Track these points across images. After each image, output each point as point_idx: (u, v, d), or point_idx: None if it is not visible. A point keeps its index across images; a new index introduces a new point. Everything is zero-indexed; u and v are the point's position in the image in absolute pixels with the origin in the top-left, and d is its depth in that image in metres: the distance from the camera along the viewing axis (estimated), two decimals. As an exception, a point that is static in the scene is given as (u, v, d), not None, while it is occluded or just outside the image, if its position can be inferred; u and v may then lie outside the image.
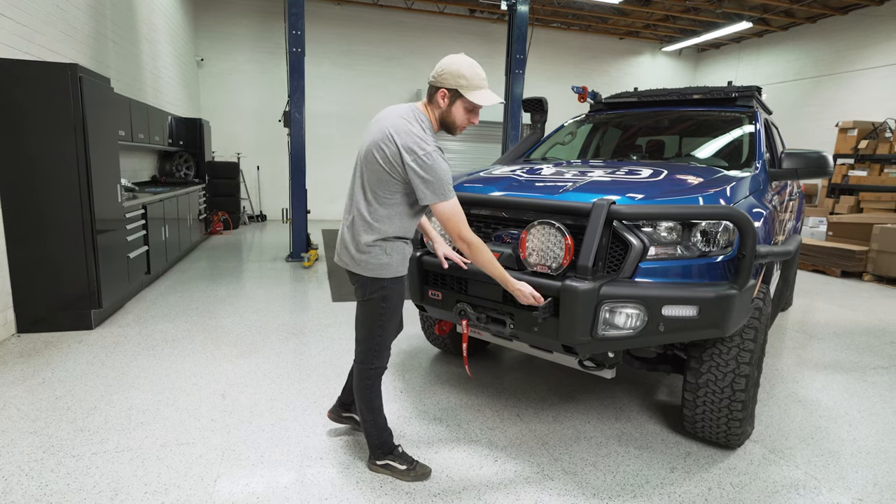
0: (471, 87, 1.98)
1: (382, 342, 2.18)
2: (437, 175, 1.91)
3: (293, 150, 6.51)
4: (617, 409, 2.98)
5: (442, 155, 1.96)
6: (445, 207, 1.95)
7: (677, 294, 2.11)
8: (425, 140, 1.94)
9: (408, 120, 1.98)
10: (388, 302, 2.12)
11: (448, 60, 1.99)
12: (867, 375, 3.57)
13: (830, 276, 7.00)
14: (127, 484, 2.13)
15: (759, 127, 3.31)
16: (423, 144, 1.92)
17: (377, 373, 2.22)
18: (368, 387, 2.21)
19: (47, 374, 3.12)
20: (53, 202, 3.69)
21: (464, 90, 1.98)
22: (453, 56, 2.00)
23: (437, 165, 1.91)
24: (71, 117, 3.65)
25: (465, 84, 1.97)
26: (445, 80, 1.98)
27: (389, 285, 2.10)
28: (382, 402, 2.29)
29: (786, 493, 2.24)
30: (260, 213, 11.10)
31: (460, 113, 2.04)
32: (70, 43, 4.76)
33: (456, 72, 1.96)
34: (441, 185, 1.92)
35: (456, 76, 1.96)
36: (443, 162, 1.94)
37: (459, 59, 1.99)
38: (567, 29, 12.37)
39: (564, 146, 4.06)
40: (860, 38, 9.76)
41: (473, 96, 1.99)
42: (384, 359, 2.22)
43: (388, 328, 2.17)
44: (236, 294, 5.10)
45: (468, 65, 1.98)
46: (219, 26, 10.45)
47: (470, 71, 1.97)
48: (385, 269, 2.07)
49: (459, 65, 1.96)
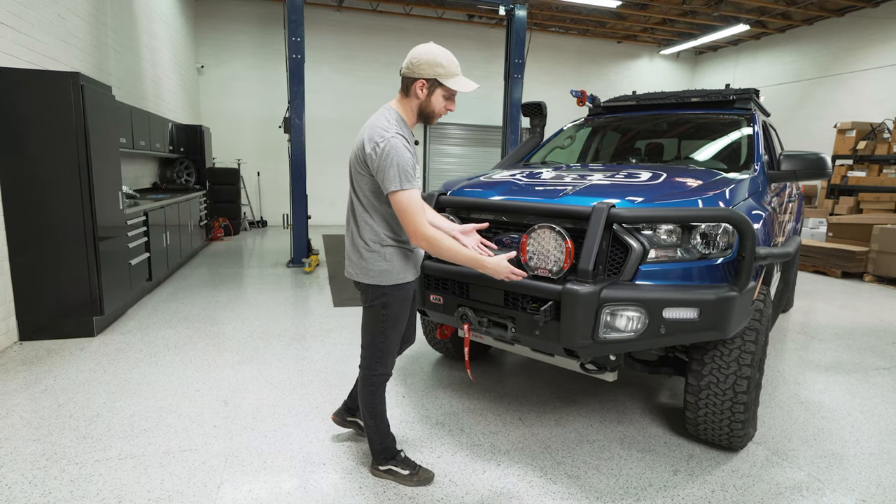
0: (448, 75, 1.99)
1: (385, 349, 2.17)
2: (391, 159, 1.88)
3: (293, 156, 6.53)
4: (619, 412, 2.98)
5: (405, 143, 1.94)
6: (401, 198, 1.89)
7: (678, 296, 2.12)
8: (387, 129, 1.94)
9: (377, 117, 2.02)
10: (388, 309, 2.11)
11: (421, 51, 1.98)
12: (869, 376, 3.57)
13: (831, 276, 7.00)
14: (130, 491, 2.14)
15: (757, 129, 3.32)
16: (383, 133, 1.92)
17: (380, 379, 2.22)
18: (372, 393, 2.21)
19: (50, 382, 3.12)
20: (55, 209, 3.71)
21: (442, 78, 1.99)
22: (424, 46, 2.00)
23: (393, 150, 1.88)
24: (73, 125, 3.66)
25: (443, 72, 1.98)
26: (423, 70, 1.97)
27: (390, 292, 2.09)
28: (386, 409, 2.28)
29: (789, 495, 2.24)
30: (261, 219, 11.12)
31: (439, 101, 2.05)
32: (71, 51, 4.79)
33: (432, 61, 1.96)
34: (396, 172, 1.88)
35: (433, 65, 1.97)
36: (401, 147, 1.90)
37: (432, 48, 1.99)
38: (565, 33, 12.41)
39: (564, 150, 4.08)
40: (857, 40, 9.80)
41: (452, 83, 2.01)
42: (388, 366, 2.21)
43: (390, 335, 2.16)
44: (238, 300, 5.10)
45: (442, 53, 1.99)
46: (219, 33, 10.49)
47: (446, 59, 1.98)
48: (384, 275, 2.06)
49: (434, 54, 1.97)
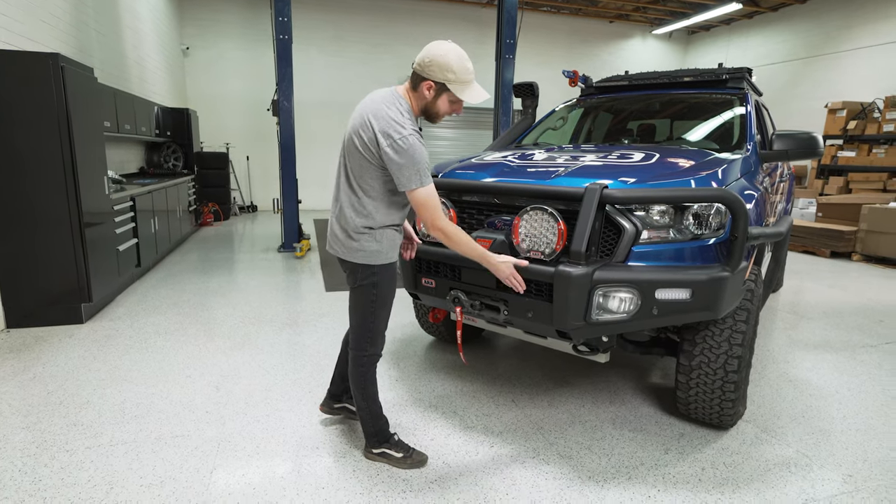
0: (459, 82, 1.92)
1: (375, 329, 2.16)
2: (413, 160, 1.86)
3: (282, 140, 6.44)
4: (611, 392, 3.00)
5: (419, 139, 1.90)
6: (420, 194, 1.90)
7: (670, 277, 2.11)
8: (402, 124, 1.88)
9: (386, 104, 1.93)
10: (378, 289, 2.10)
11: (436, 51, 1.89)
12: (856, 354, 3.61)
13: (820, 256, 7.07)
14: (122, 477, 2.13)
15: (749, 109, 3.30)
16: (400, 129, 1.87)
17: (371, 360, 2.21)
18: (363, 374, 2.21)
19: (38, 370, 3.09)
20: (39, 195, 3.63)
21: (451, 84, 1.92)
22: (441, 45, 1.91)
23: (413, 150, 1.85)
24: (54, 108, 3.57)
25: (454, 79, 1.91)
26: (433, 72, 1.90)
27: (380, 272, 2.09)
28: (377, 390, 2.28)
29: (778, 472, 2.27)
30: (250, 203, 11.01)
31: (445, 105, 1.99)
32: (51, 32, 4.66)
33: (444, 65, 1.88)
34: (416, 171, 1.87)
35: (444, 69, 1.89)
36: (419, 147, 1.88)
37: (448, 50, 1.90)
38: (557, 13, 12.26)
39: (556, 131, 4.04)
40: (849, 18, 9.75)
41: (461, 93, 1.94)
42: (378, 346, 2.21)
43: (379, 315, 2.15)
44: (228, 286, 5.07)
45: (457, 58, 1.89)
46: (204, 13, 10.25)
47: (459, 65, 1.89)
48: (375, 255, 2.06)
49: (448, 58, 1.88)
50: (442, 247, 2.57)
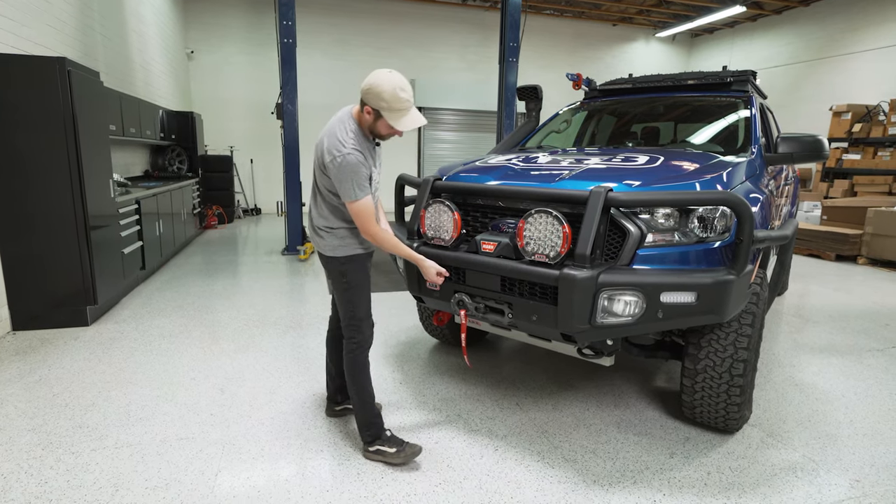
0: (391, 110, 2.05)
1: (355, 315, 2.29)
2: (347, 177, 2.05)
3: (287, 143, 6.46)
4: (616, 396, 2.99)
5: (359, 157, 2.06)
6: (354, 206, 2.10)
7: (675, 280, 2.11)
8: (344, 143, 2.06)
9: (338, 124, 2.13)
10: (347, 277, 2.27)
11: (374, 80, 2.03)
12: (863, 358, 3.59)
13: (825, 259, 7.04)
14: (127, 480, 2.13)
15: (754, 111, 3.29)
16: (341, 147, 2.05)
17: (359, 347, 2.32)
18: (352, 360, 2.32)
19: (44, 372, 3.10)
20: (45, 198, 3.65)
21: (384, 112, 2.06)
22: (380, 74, 2.03)
23: (347, 168, 2.03)
24: (60, 112, 3.60)
25: (385, 107, 2.04)
26: (370, 99, 2.05)
27: (347, 262, 2.27)
28: (369, 380, 2.37)
29: (784, 476, 2.26)
30: (254, 206, 11.04)
31: (384, 128, 2.13)
32: (58, 36, 4.69)
33: (378, 94, 2.02)
34: (350, 187, 2.06)
35: (378, 98, 2.02)
36: (355, 164, 2.04)
37: (383, 80, 2.02)
38: (560, 16, 12.27)
39: (560, 134, 4.04)
40: (853, 21, 9.73)
41: (392, 120, 2.08)
42: (365, 333, 2.32)
43: (356, 302, 2.29)
44: (233, 288, 5.08)
45: (390, 87, 2.01)
46: (208, 17, 10.31)
47: (390, 94, 2.01)
48: (338, 249, 2.26)
49: (381, 88, 2.01)
50: (445, 250, 2.58)
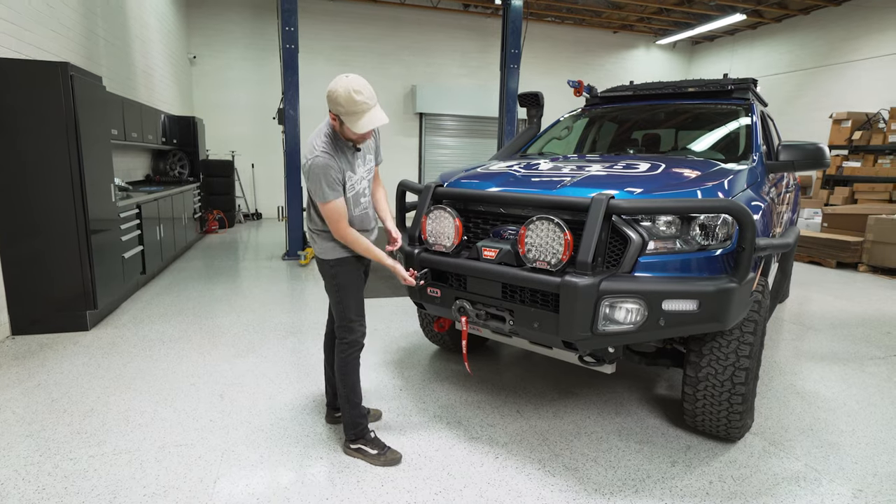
0: (348, 114, 2.07)
1: (346, 316, 2.34)
2: (316, 178, 2.12)
3: (288, 148, 6.47)
4: (617, 403, 2.97)
5: (327, 160, 2.12)
6: (324, 209, 2.18)
7: (677, 288, 2.10)
8: (315, 147, 2.15)
9: (316, 132, 2.21)
10: (336, 279, 2.33)
11: (331, 86, 2.07)
12: (864, 366, 3.58)
13: (826, 267, 7.03)
14: (125, 486, 2.12)
15: (755, 119, 3.30)
16: (312, 151, 2.15)
17: (350, 347, 2.36)
18: (344, 360, 2.37)
19: (43, 377, 3.09)
20: (46, 202, 3.65)
21: (342, 116, 2.09)
22: (337, 80, 2.08)
23: (315, 170, 2.11)
24: (63, 116, 3.60)
25: (343, 111, 2.07)
26: (330, 105, 2.10)
27: (336, 265, 2.33)
28: (358, 381, 2.41)
29: (786, 486, 2.24)
30: (255, 211, 11.05)
31: (350, 132, 2.15)
32: (61, 41, 4.71)
33: (334, 99, 2.06)
34: (319, 188, 2.12)
35: (335, 103, 2.07)
36: (323, 167, 2.11)
37: (339, 84, 2.05)
38: (561, 23, 12.33)
39: (561, 141, 4.04)
40: (853, 29, 9.77)
41: (350, 123, 2.10)
42: (356, 333, 2.36)
43: (346, 303, 2.34)
44: (233, 293, 5.07)
45: (344, 92, 2.03)
46: (211, 23, 10.35)
47: (345, 98, 2.04)
48: (328, 251, 2.32)
49: (337, 93, 2.04)
50: (446, 256, 2.58)
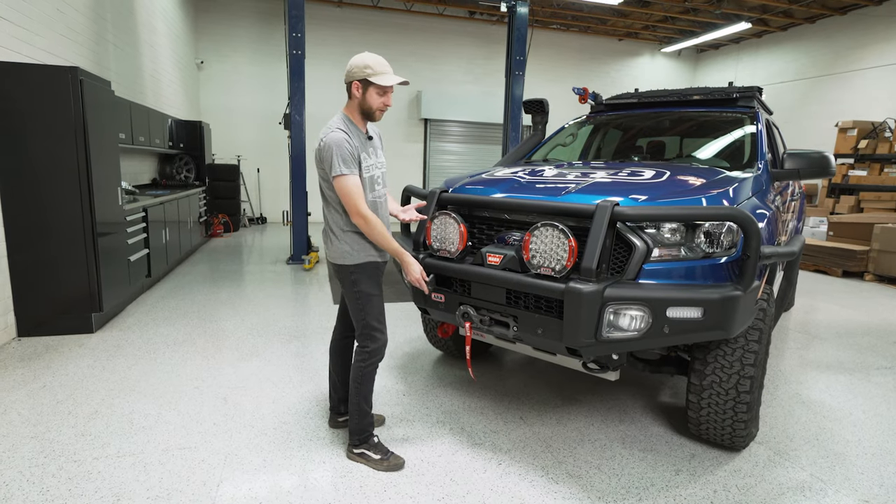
0: (376, 73, 2.20)
1: (369, 324, 2.32)
2: (332, 150, 2.14)
3: (294, 153, 6.50)
4: (621, 411, 2.96)
5: (346, 136, 2.18)
6: (341, 182, 2.16)
7: (682, 296, 2.10)
8: (329, 127, 2.22)
9: (329, 124, 2.26)
10: (358, 286, 2.30)
11: (354, 58, 2.23)
12: (871, 376, 3.56)
13: (832, 275, 6.99)
14: (129, 489, 2.12)
15: (760, 127, 3.30)
16: (327, 130, 2.21)
17: (371, 356, 2.34)
18: (361, 369, 2.34)
19: (48, 379, 3.11)
20: (54, 205, 3.68)
21: (371, 76, 2.20)
22: (358, 54, 2.24)
23: (333, 143, 2.15)
24: (72, 120, 3.64)
25: (371, 72, 2.20)
26: (355, 73, 2.21)
27: (356, 271, 2.29)
28: (372, 390, 2.39)
29: (792, 495, 2.23)
30: (260, 215, 11.09)
31: (374, 97, 2.24)
32: (70, 46, 4.76)
33: (361, 63, 2.20)
34: (337, 160, 2.14)
35: (362, 67, 2.19)
36: (341, 141, 2.15)
37: (363, 54, 2.23)
38: (566, 30, 12.37)
39: (566, 147, 4.05)
40: (859, 38, 9.76)
41: (379, 79, 2.21)
42: (379, 342, 2.34)
43: (368, 311, 2.31)
44: (237, 297, 5.09)
45: (371, 56, 2.22)
46: (219, 29, 10.44)
47: (373, 60, 2.21)
48: (347, 256, 2.28)
49: (363, 57, 2.21)
50: (451, 262, 2.58)
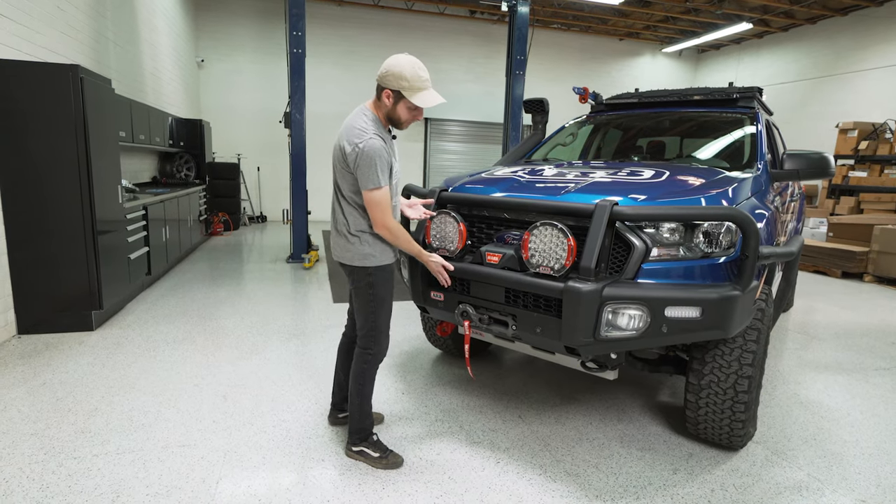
0: (412, 90, 2.07)
1: (376, 328, 2.29)
2: (371, 161, 2.03)
3: (294, 151, 6.51)
4: (619, 410, 2.97)
5: (383, 144, 2.07)
6: (372, 195, 2.08)
7: (680, 295, 2.10)
8: (364, 130, 2.07)
9: (355, 117, 2.14)
10: (374, 289, 2.25)
11: (391, 61, 2.07)
12: (869, 376, 3.56)
13: (831, 276, 7.00)
14: (128, 486, 2.13)
15: (760, 128, 3.30)
16: (361, 134, 2.06)
17: (374, 358, 2.33)
18: (363, 371, 2.33)
19: (48, 376, 3.11)
20: (54, 203, 3.69)
21: (405, 91, 2.07)
22: (397, 56, 2.08)
23: (371, 153, 2.03)
24: (72, 118, 3.64)
25: (407, 86, 2.06)
26: (388, 81, 2.08)
27: (375, 272, 2.24)
28: (372, 390, 2.38)
29: (789, 495, 2.23)
30: (260, 214, 11.10)
31: (404, 111, 2.15)
32: (71, 44, 4.76)
33: (398, 74, 2.05)
34: (374, 173, 2.04)
35: (398, 78, 2.05)
36: (377, 149, 2.04)
37: (402, 60, 2.07)
38: (567, 30, 12.37)
39: (566, 147, 4.06)
40: (860, 39, 9.76)
41: (415, 98, 2.09)
42: (382, 344, 2.33)
43: (379, 314, 2.29)
44: (237, 295, 5.09)
45: (409, 66, 2.06)
46: (219, 27, 10.44)
47: (411, 73, 2.05)
48: (368, 258, 2.22)
49: (402, 67, 2.05)
50: (450, 260, 2.58)
